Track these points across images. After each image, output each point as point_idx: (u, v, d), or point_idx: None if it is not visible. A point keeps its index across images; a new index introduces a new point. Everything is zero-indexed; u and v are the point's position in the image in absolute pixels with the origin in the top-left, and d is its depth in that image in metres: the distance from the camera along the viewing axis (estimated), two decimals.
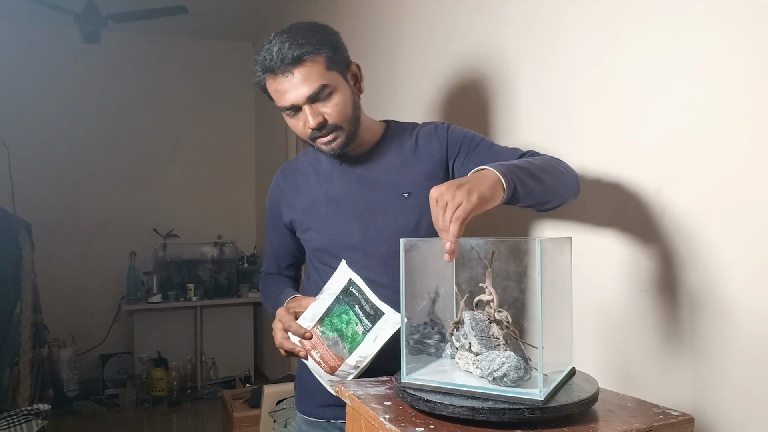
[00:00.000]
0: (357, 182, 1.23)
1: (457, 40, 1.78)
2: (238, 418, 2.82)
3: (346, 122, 1.16)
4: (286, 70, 1.10)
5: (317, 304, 1.15)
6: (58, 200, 4.45)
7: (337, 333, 1.11)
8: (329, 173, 1.27)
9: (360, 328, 1.10)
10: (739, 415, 0.95)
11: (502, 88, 1.56)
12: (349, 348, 1.10)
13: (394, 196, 1.21)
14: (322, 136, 1.15)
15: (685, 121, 1.04)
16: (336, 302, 1.13)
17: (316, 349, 1.13)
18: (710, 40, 0.99)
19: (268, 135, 4.65)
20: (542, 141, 1.41)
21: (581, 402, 0.79)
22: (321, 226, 1.25)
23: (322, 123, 1.13)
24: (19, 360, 3.10)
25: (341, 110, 1.14)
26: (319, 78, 1.11)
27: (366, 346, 1.08)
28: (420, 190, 1.20)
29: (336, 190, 1.25)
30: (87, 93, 4.58)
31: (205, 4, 4.15)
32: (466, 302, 0.92)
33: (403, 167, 1.23)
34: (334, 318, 1.12)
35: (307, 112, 1.12)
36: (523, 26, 1.47)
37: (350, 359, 1.09)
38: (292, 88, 1.11)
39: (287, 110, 1.14)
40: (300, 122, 1.15)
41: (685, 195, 1.04)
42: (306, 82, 1.10)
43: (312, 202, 1.27)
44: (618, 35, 1.19)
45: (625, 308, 1.17)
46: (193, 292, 4.47)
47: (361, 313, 1.10)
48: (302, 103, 1.12)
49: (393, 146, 1.26)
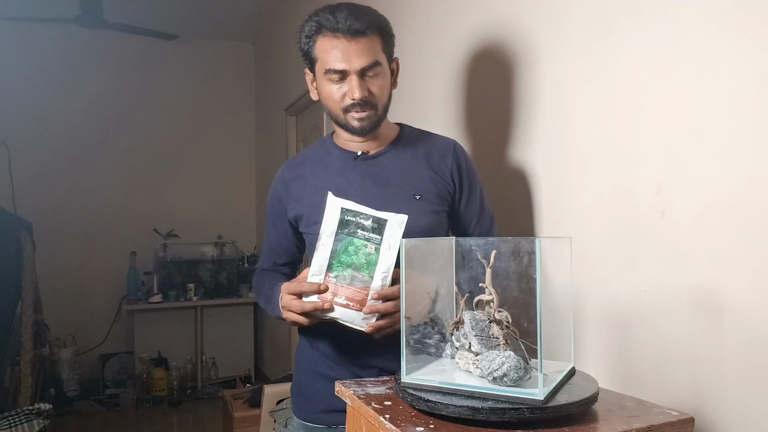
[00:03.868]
0: (370, 178, 1.23)
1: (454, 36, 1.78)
2: (238, 418, 2.82)
3: (382, 105, 1.20)
4: (352, 36, 1.12)
5: (319, 254, 1.09)
6: (58, 200, 4.45)
7: (351, 268, 1.06)
8: (341, 168, 1.26)
9: (371, 247, 1.06)
10: (739, 415, 0.95)
11: (501, 87, 1.56)
12: (368, 273, 1.05)
13: (406, 197, 1.22)
14: (360, 110, 1.17)
15: (685, 121, 1.04)
16: (337, 240, 1.08)
17: (337, 294, 1.06)
18: (710, 40, 0.99)
19: (268, 135, 4.65)
20: (542, 141, 1.42)
21: (581, 402, 0.79)
22: None
23: (366, 97, 1.16)
24: (20, 360, 3.10)
25: (384, 91, 1.19)
26: (376, 54, 1.15)
27: (384, 260, 1.05)
28: (429, 194, 1.23)
29: (347, 185, 1.23)
30: (87, 93, 4.58)
31: (205, 3, 4.15)
32: (466, 302, 0.92)
33: (415, 171, 1.25)
34: (342, 256, 1.07)
35: (355, 82, 1.14)
36: (522, 25, 1.47)
37: (375, 282, 1.05)
38: (352, 54, 1.13)
39: (334, 73, 1.15)
40: (340, 89, 1.16)
41: (685, 195, 1.04)
42: (365, 54, 1.14)
43: (321, 196, 1.22)
44: (618, 34, 1.19)
45: (625, 308, 1.17)
46: (193, 292, 4.48)
47: (366, 234, 1.06)
48: (354, 72, 1.14)
49: (407, 149, 1.27)
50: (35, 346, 3.29)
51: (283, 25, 4.13)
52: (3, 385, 2.97)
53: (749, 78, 0.93)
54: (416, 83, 2.03)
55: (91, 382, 4.26)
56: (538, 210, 1.44)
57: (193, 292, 4.47)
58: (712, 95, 0.99)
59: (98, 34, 4.19)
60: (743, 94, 0.94)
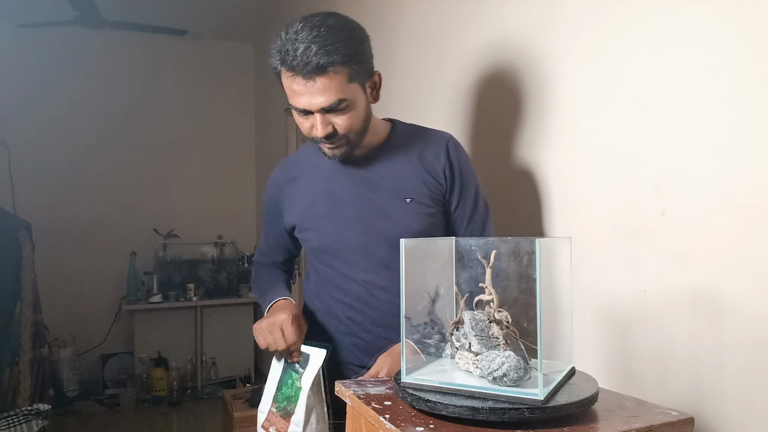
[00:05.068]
0: (360, 183, 1.22)
1: (453, 35, 1.78)
2: (238, 418, 2.82)
3: (353, 134, 1.14)
4: (308, 76, 1.05)
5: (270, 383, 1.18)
6: (58, 200, 4.45)
7: (287, 400, 1.13)
8: (331, 171, 1.25)
9: (298, 382, 1.12)
10: (739, 415, 0.95)
11: (501, 88, 1.56)
12: (295, 405, 1.11)
13: (397, 200, 1.20)
14: (327, 143, 1.14)
15: (685, 121, 1.04)
16: (284, 370, 1.16)
17: (273, 425, 1.13)
18: (710, 40, 0.99)
19: (268, 135, 4.65)
20: (542, 141, 1.41)
21: (581, 402, 0.79)
22: (321, 225, 1.24)
23: (331, 133, 1.11)
24: (20, 360, 3.09)
25: (352, 124, 1.12)
26: (338, 92, 1.07)
27: (302, 395, 1.10)
28: (420, 196, 1.21)
29: (338, 190, 1.23)
30: (87, 93, 4.58)
31: (205, 4, 4.15)
32: (466, 302, 0.92)
33: (406, 172, 1.22)
34: (283, 388, 1.15)
35: (318, 120, 1.10)
36: (520, 24, 1.47)
37: (294, 416, 1.10)
38: (309, 94, 1.07)
39: (296, 110, 1.12)
40: (307, 123, 1.13)
41: (685, 195, 1.04)
42: (324, 93, 1.06)
43: (312, 201, 1.25)
44: (618, 33, 1.19)
45: (625, 308, 1.17)
46: (193, 292, 4.47)
47: (297, 367, 1.13)
48: (315, 111, 1.09)
49: (398, 150, 1.24)
50: (34, 347, 3.29)
51: (283, 25, 4.13)
52: (2, 386, 2.97)
53: (749, 78, 0.93)
54: (418, 83, 2.03)
55: (91, 382, 4.26)
56: (537, 210, 1.44)
57: (193, 292, 4.47)
58: (712, 95, 0.99)
59: (98, 34, 4.18)
60: (743, 95, 0.94)
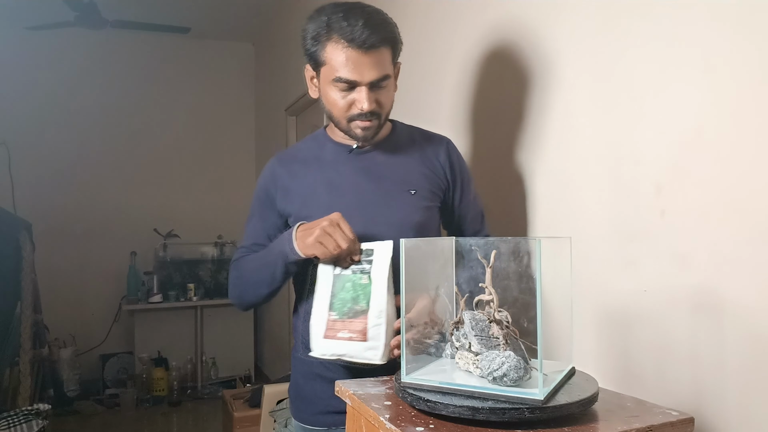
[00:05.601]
0: (364, 173, 1.23)
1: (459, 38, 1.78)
2: (238, 418, 2.82)
3: (386, 114, 1.20)
4: (365, 49, 1.10)
5: (319, 296, 1.11)
6: (58, 200, 4.45)
7: (351, 301, 1.07)
8: (334, 162, 1.25)
9: (365, 278, 1.07)
10: (739, 415, 0.95)
11: (501, 88, 1.56)
12: (365, 302, 1.05)
13: (401, 192, 1.22)
14: (365, 120, 1.16)
15: (685, 121, 1.04)
16: (335, 278, 1.10)
17: (340, 330, 1.07)
18: (710, 39, 0.99)
19: (268, 135, 4.65)
20: (543, 141, 1.41)
21: (581, 402, 0.79)
22: (322, 214, 1.20)
23: (374, 109, 1.15)
24: (20, 360, 3.09)
25: (389, 102, 1.19)
26: (386, 67, 1.14)
27: (377, 286, 1.05)
28: (422, 190, 1.23)
29: (341, 179, 1.23)
30: (87, 93, 4.58)
31: (205, 3, 4.15)
32: (466, 302, 0.92)
33: (408, 166, 1.26)
34: (340, 293, 1.08)
35: (365, 94, 1.13)
36: (523, 26, 1.47)
37: (372, 310, 1.04)
38: (364, 67, 1.11)
39: (343, 83, 1.13)
40: (347, 98, 1.15)
41: (685, 195, 1.04)
42: (377, 67, 1.12)
43: (313, 190, 1.24)
44: (618, 33, 1.19)
45: (625, 308, 1.17)
46: (193, 292, 4.48)
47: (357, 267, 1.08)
48: (364, 84, 1.12)
49: (400, 145, 1.28)
50: (34, 347, 3.29)
51: (283, 25, 4.13)
52: (2, 386, 2.97)
53: (749, 78, 0.93)
54: (420, 83, 2.03)
55: (91, 382, 4.26)
56: (538, 210, 1.44)
57: (193, 292, 4.48)
58: (712, 95, 0.99)
59: (98, 34, 4.18)
60: (743, 95, 0.94)
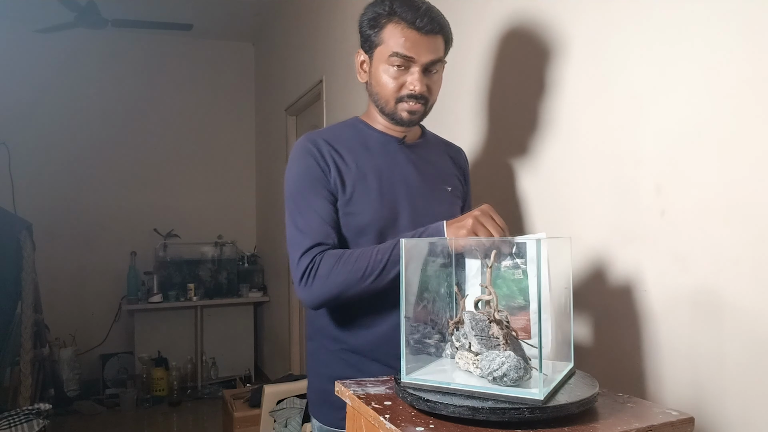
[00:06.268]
0: (412, 165, 1.25)
1: None
2: (238, 418, 2.82)
3: (432, 102, 1.22)
4: (426, 32, 1.14)
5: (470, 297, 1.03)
6: (58, 200, 4.46)
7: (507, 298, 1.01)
8: (383, 151, 1.24)
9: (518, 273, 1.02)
10: (739, 415, 0.95)
11: (502, 88, 1.56)
12: (523, 298, 1.00)
13: (441, 187, 1.27)
14: (414, 103, 1.18)
15: (685, 121, 1.04)
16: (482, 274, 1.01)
17: None
18: (710, 40, 0.99)
19: (268, 135, 4.65)
20: (543, 141, 1.42)
21: (581, 402, 0.79)
22: (372, 200, 1.18)
23: (424, 92, 1.17)
24: (20, 360, 3.10)
25: (437, 91, 1.22)
26: (441, 53, 1.18)
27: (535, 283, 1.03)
28: (455, 189, 1.30)
29: (391, 169, 1.23)
30: (87, 93, 4.58)
31: (206, 4, 4.15)
32: (466, 302, 0.92)
33: (443, 165, 1.32)
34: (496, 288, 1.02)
35: (418, 74, 1.16)
36: (522, 26, 1.47)
37: (532, 304, 0.98)
38: (422, 47, 1.14)
39: (400, 58, 1.15)
40: (399, 79, 1.17)
41: (685, 195, 1.04)
42: (434, 50, 1.16)
43: (362, 174, 1.20)
44: (618, 33, 1.19)
45: (625, 308, 1.17)
46: (193, 292, 4.48)
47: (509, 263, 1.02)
48: (419, 64, 1.15)
49: (432, 145, 1.34)
50: (35, 346, 3.29)
51: (283, 25, 4.13)
52: (3, 385, 2.97)
53: (749, 79, 0.93)
54: None
55: (91, 382, 4.26)
56: (538, 210, 1.44)
57: (193, 292, 4.48)
58: (711, 96, 0.99)
59: (98, 34, 4.19)
60: (743, 95, 0.94)
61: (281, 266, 4.26)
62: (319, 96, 3.31)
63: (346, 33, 2.83)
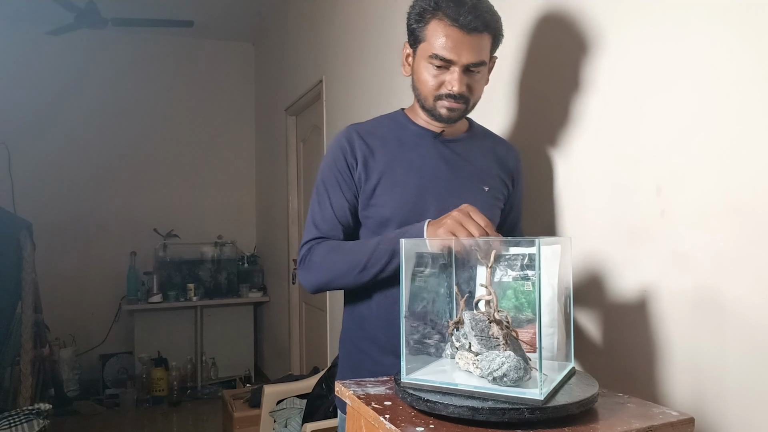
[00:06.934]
0: (444, 161, 1.22)
1: None
2: (238, 418, 2.82)
3: (474, 101, 1.19)
4: (469, 31, 1.10)
5: None
6: (58, 200, 4.46)
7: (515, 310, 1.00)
8: (416, 144, 1.23)
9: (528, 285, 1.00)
10: (739, 415, 0.95)
11: (502, 88, 1.56)
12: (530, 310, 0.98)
13: (476, 186, 1.22)
14: (453, 101, 1.15)
15: (686, 121, 1.04)
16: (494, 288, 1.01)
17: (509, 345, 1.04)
18: (711, 40, 0.99)
19: (268, 135, 4.65)
20: (543, 141, 1.41)
21: (581, 402, 0.79)
22: (398, 192, 1.19)
23: (464, 92, 1.15)
24: (20, 360, 3.09)
25: (480, 90, 1.18)
26: (484, 54, 1.13)
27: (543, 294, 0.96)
28: (494, 190, 1.24)
29: (421, 162, 1.22)
30: (87, 93, 4.58)
31: (206, 4, 4.15)
32: (466, 302, 0.92)
33: (485, 163, 1.26)
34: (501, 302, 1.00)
35: (458, 75, 1.13)
36: (518, 23, 1.47)
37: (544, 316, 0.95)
38: (463, 47, 1.11)
39: (439, 60, 1.12)
40: (439, 77, 1.14)
41: (685, 195, 1.04)
42: (476, 51, 1.12)
43: (390, 166, 1.21)
44: (618, 33, 1.19)
45: (625, 308, 1.17)
46: (193, 292, 4.48)
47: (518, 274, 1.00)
48: (459, 65, 1.12)
49: (477, 142, 1.28)
50: (35, 346, 3.29)
51: (283, 25, 4.13)
52: (3, 385, 2.97)
53: (750, 79, 0.93)
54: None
55: (91, 382, 4.27)
56: (538, 210, 1.44)
57: (193, 292, 4.48)
58: (712, 96, 0.99)
59: (98, 34, 4.19)
60: (744, 95, 0.94)
61: (281, 266, 4.26)
62: (319, 96, 3.31)
63: (346, 33, 2.83)
